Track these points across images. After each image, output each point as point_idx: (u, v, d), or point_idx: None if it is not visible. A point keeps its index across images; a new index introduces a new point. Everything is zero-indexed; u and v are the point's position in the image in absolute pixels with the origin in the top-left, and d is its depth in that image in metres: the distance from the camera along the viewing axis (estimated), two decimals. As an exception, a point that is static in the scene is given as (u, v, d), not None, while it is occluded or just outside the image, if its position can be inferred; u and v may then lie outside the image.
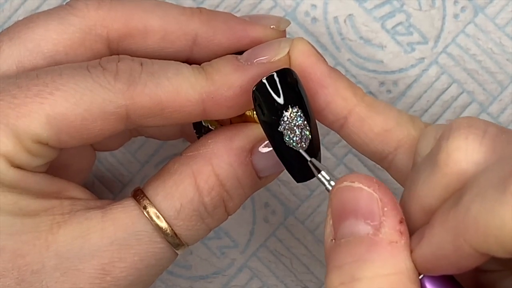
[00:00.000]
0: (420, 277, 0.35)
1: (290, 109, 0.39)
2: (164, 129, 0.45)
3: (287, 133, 0.39)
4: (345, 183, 0.36)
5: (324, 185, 0.39)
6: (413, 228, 0.36)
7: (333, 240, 0.36)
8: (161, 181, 0.41)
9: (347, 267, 0.35)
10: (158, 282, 0.50)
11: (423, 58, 0.49)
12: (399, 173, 0.40)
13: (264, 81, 0.39)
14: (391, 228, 0.35)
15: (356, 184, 0.36)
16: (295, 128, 0.39)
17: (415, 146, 0.39)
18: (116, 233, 0.39)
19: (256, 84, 0.39)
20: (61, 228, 0.39)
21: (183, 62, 0.41)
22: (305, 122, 0.40)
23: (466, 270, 0.34)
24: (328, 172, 0.39)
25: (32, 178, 0.40)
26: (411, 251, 0.35)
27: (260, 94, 0.39)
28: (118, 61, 0.40)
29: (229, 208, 0.41)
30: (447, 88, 0.49)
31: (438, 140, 0.36)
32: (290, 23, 0.44)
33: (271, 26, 0.43)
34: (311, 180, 0.49)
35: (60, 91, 0.39)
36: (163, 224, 0.40)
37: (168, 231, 0.40)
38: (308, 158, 0.40)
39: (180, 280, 0.50)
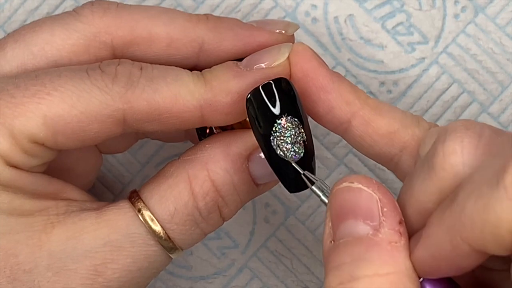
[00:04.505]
0: (420, 280, 0.35)
1: (284, 118, 0.39)
2: (168, 132, 0.45)
3: (279, 143, 0.39)
4: (344, 184, 0.36)
5: (319, 197, 0.39)
6: (410, 231, 0.36)
7: (332, 242, 0.36)
8: (157, 184, 0.41)
9: (345, 266, 0.35)
10: (158, 283, 0.50)
11: (423, 58, 0.49)
12: (405, 174, 0.40)
13: (260, 88, 0.39)
14: (390, 228, 0.35)
15: (356, 185, 0.36)
16: (287, 138, 0.39)
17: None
18: (110, 235, 0.39)
19: (251, 91, 0.39)
20: (55, 228, 0.39)
21: (190, 69, 0.41)
22: (299, 133, 0.39)
23: (465, 271, 0.34)
24: (322, 184, 0.39)
25: (28, 178, 0.40)
26: (410, 254, 0.35)
27: (254, 101, 0.39)
28: (118, 65, 0.40)
29: (224, 214, 0.41)
30: (447, 88, 0.49)
31: (434, 143, 0.36)
32: (298, 27, 0.43)
33: (277, 31, 0.42)
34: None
35: (58, 92, 0.39)
36: (157, 227, 0.40)
37: (162, 234, 0.40)
38: (301, 171, 0.39)
39: (180, 281, 0.50)
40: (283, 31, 0.42)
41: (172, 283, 0.50)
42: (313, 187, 0.39)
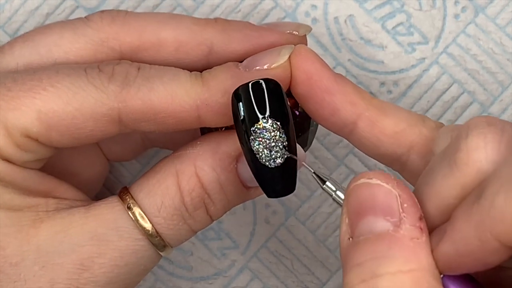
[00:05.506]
0: (441, 276, 0.35)
1: (267, 120, 0.38)
2: (176, 139, 0.45)
3: (257, 145, 0.38)
4: (362, 180, 0.36)
5: (331, 195, 0.38)
6: (429, 227, 0.36)
7: (351, 239, 0.35)
8: (146, 179, 0.41)
9: (367, 264, 0.34)
10: (158, 283, 0.50)
11: (423, 58, 0.49)
12: (413, 174, 0.40)
13: (249, 85, 0.38)
14: (411, 224, 0.35)
15: (374, 181, 0.36)
16: (266, 141, 0.38)
17: (428, 146, 0.39)
18: (97, 228, 0.39)
19: (239, 87, 0.38)
20: (44, 223, 0.39)
21: (201, 72, 0.40)
22: (280, 137, 0.38)
23: (489, 267, 0.34)
24: (333, 182, 0.38)
25: (20, 173, 0.40)
26: (432, 250, 0.35)
27: (242, 97, 0.38)
28: (116, 64, 0.40)
29: (211, 212, 0.41)
30: (447, 88, 0.49)
31: (455, 138, 0.36)
32: (311, 28, 0.43)
33: (287, 31, 0.42)
34: (311, 181, 0.49)
35: (54, 87, 0.39)
36: (144, 221, 0.40)
37: (149, 228, 0.40)
38: (311, 170, 0.39)
39: (181, 281, 0.50)
40: (295, 32, 0.42)
41: (173, 283, 0.50)
42: (325, 186, 0.39)
